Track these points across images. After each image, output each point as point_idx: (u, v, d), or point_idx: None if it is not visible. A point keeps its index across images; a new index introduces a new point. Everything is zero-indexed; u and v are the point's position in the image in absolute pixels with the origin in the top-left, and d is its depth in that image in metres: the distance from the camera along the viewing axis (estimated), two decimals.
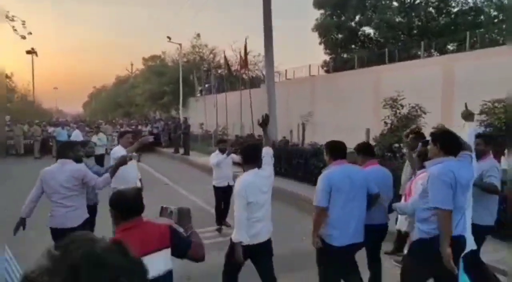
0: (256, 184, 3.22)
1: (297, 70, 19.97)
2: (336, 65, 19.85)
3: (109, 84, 58.60)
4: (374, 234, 3.48)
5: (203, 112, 21.34)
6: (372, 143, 8.06)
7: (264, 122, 3.59)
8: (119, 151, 5.01)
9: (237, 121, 19.86)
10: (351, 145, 3.87)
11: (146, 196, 2.21)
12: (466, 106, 3.60)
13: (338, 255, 3.19)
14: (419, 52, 20.53)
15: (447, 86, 12.96)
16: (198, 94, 26.73)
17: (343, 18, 21.75)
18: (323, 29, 21.61)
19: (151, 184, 8.38)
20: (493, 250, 4.40)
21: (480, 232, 3.43)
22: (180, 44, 24.68)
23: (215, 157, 6.39)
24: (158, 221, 2.29)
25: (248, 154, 3.36)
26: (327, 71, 21.02)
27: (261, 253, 3.30)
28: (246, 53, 15.10)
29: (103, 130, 16.88)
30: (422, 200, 2.89)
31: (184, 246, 2.20)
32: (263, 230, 3.27)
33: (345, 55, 22.12)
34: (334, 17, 21.59)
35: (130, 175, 5.06)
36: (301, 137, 11.64)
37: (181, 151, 16.76)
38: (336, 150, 3.34)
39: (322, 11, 21.94)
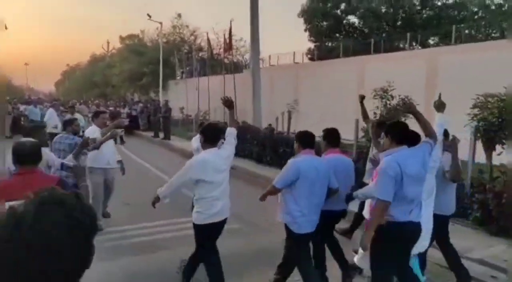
0: (214, 164, 3.31)
1: (281, 57, 19.70)
2: (320, 53, 19.69)
3: (84, 63, 56.41)
4: (330, 219, 3.62)
5: (183, 96, 20.81)
6: (361, 133, 8.00)
7: (228, 103, 3.67)
8: (93, 131, 4.99)
9: (219, 106, 19.44)
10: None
11: (126, 180, 2.20)
12: (439, 96, 3.65)
13: (300, 241, 3.36)
14: (401, 44, 20.66)
15: (431, 79, 13.06)
16: (179, 77, 26.04)
17: (329, 5, 21.52)
18: (308, 16, 21.32)
19: (132, 169, 8.03)
20: (488, 246, 4.41)
21: (445, 221, 3.59)
22: (160, 23, 23.85)
23: (196, 141, 6.15)
24: None
25: (208, 133, 3.46)
26: (312, 59, 20.84)
27: (221, 229, 3.49)
28: (230, 36, 14.64)
29: (79, 110, 16.18)
30: None
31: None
32: (223, 208, 3.41)
33: (329, 44, 21.98)
34: (320, 3, 21.33)
35: (106, 156, 5.16)
36: (286, 126, 11.45)
37: (161, 135, 16.29)
38: (306, 139, 3.43)
39: None
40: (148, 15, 22.33)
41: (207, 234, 3.43)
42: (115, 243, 4.86)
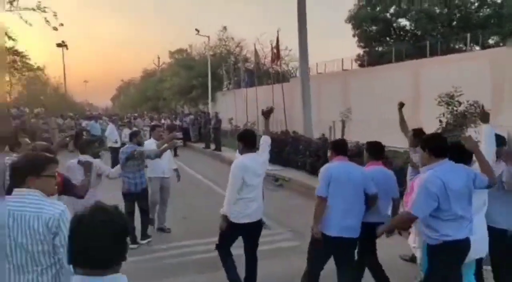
0: (252, 167, 3.56)
1: (328, 64, 19.31)
2: (370, 59, 19.05)
3: (137, 78, 59.34)
4: (367, 232, 3.42)
5: (231, 107, 21.06)
6: None
7: (268, 113, 3.97)
8: (151, 144, 5.70)
9: None
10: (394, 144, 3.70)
11: (180, 191, 2.50)
12: (482, 107, 3.55)
13: (330, 244, 3.28)
14: (458, 46, 19.44)
15: (497, 82, 12.05)
16: (225, 88, 26.50)
17: (378, 9, 20.82)
18: (356, 21, 20.76)
19: (185, 180, 8.15)
20: None
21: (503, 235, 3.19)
22: (208, 37, 24.47)
23: None
24: None
25: (246, 139, 3.70)
26: (361, 65, 20.22)
27: (254, 231, 3.71)
28: (278, 45, 14.58)
29: (135, 124, 16.93)
30: None
31: (70, 187, 3.16)
32: (258, 209, 3.64)
33: (380, 48, 21.22)
34: (368, 8, 20.70)
35: (161, 166, 5.72)
36: (340, 135, 11.07)
37: (212, 146, 16.54)
38: (338, 146, 3.52)
39: (356, 1, 21.09)
40: (196, 29, 23.04)
41: (238, 233, 3.68)
42: (177, 260, 4.83)
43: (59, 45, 40.15)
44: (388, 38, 20.81)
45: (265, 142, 3.84)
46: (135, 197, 5.23)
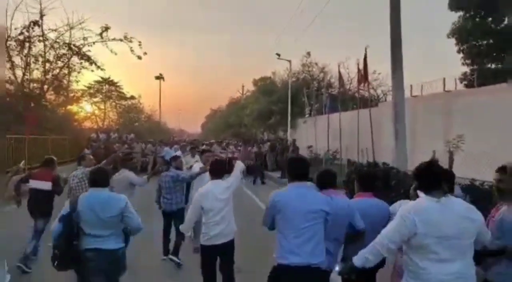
0: (212, 193, 3.89)
1: (426, 86, 16.76)
2: (481, 78, 15.99)
3: (223, 106, 61.50)
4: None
5: (312, 134, 19.58)
6: None
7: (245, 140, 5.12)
8: (196, 166, 6.62)
9: (351, 144, 17.52)
10: None
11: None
12: None
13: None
14: None
15: None
16: (308, 115, 25.17)
17: (489, 19, 17.69)
18: (462, 34, 17.84)
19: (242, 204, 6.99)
20: None
21: None
22: (289, 61, 23.63)
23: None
24: None
25: (213, 167, 4.13)
26: (469, 86, 17.19)
27: (225, 252, 3.95)
28: (366, 65, 12.81)
29: (213, 150, 16.49)
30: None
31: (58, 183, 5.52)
32: (223, 232, 3.88)
33: (492, 66, 17.92)
34: (477, 19, 17.69)
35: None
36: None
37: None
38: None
39: (461, 13, 18.21)
40: (277, 54, 22.43)
41: (208, 254, 3.90)
42: None
43: (157, 78, 43.66)
44: (503, 54, 17.40)
45: (236, 168, 4.21)
46: (172, 215, 5.78)
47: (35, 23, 17.77)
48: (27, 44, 18.14)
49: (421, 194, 2.56)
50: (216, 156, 18.40)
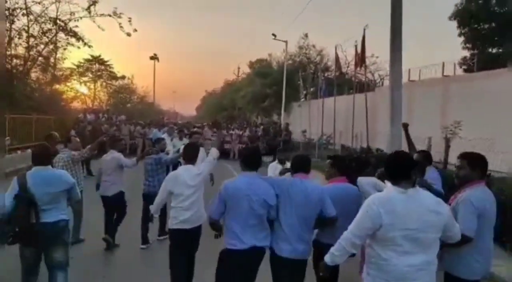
0: (183, 179, 3.84)
1: (424, 70, 16.27)
2: (481, 63, 15.47)
3: (219, 88, 60.62)
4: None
5: (306, 118, 19.14)
6: None
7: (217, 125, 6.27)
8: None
9: (345, 129, 17.17)
10: None
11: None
12: None
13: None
14: None
15: None
16: (303, 99, 24.70)
17: (493, 2, 16.99)
18: (465, 17, 17.14)
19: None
20: None
21: None
22: (286, 41, 22.90)
23: (272, 169, 5.99)
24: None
25: (186, 152, 4.10)
26: (468, 70, 16.69)
27: (190, 237, 3.91)
28: (364, 46, 12.24)
29: (204, 133, 16.03)
30: None
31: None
32: (191, 218, 3.85)
33: (493, 50, 17.36)
34: (480, 0, 16.97)
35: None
36: (443, 157, 8.48)
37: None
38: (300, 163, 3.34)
39: None
40: (273, 34, 21.71)
41: (177, 238, 3.86)
42: None
43: (151, 58, 42.58)
44: (505, 39, 16.81)
45: (210, 154, 4.12)
46: (153, 198, 5.30)
47: None
48: (9, 17, 17.22)
49: (388, 183, 2.51)
50: (207, 139, 18.02)
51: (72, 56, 22.02)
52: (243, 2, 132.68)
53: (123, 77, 34.85)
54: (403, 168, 2.39)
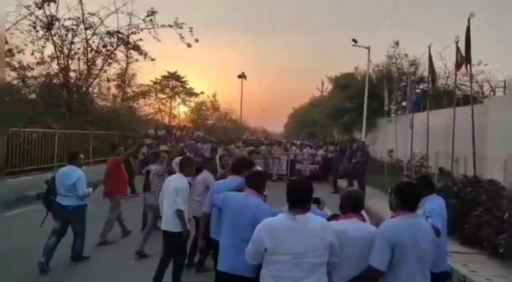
0: (166, 188, 4.71)
1: None
2: None
3: (305, 105, 58.90)
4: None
5: (392, 136, 16.17)
6: None
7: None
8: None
9: (442, 150, 13.82)
10: None
11: None
12: None
13: None
14: None
15: None
16: (393, 114, 21.42)
17: None
18: None
19: None
20: None
21: None
22: (368, 48, 20.05)
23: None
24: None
25: (181, 163, 4.85)
26: None
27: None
28: (469, 41, 9.16)
29: (261, 151, 14.34)
30: None
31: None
32: (164, 220, 4.57)
33: None
34: None
35: None
36: None
37: (356, 184, 12.29)
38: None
39: None
40: (354, 40, 19.19)
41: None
42: None
43: (239, 76, 43.16)
44: None
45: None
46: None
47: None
48: (69, 33, 17.55)
49: (285, 208, 2.62)
50: (275, 157, 16.17)
51: (155, 72, 22.36)
52: (328, 18, 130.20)
53: (202, 93, 35.28)
54: (297, 195, 2.48)
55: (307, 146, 18.33)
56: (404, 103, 21.92)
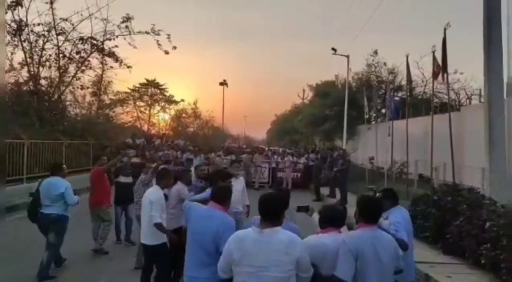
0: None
1: None
2: None
3: (287, 112, 59.09)
4: None
5: (372, 143, 16.26)
6: None
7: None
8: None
9: (421, 158, 13.98)
10: None
11: None
12: None
13: None
14: None
15: None
16: (373, 122, 21.66)
17: None
18: None
19: None
20: None
21: None
22: (347, 56, 20.23)
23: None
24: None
25: (158, 176, 4.97)
26: None
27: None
28: (445, 51, 9.27)
29: (243, 160, 14.12)
30: None
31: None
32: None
33: None
34: None
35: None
36: None
37: (339, 195, 12.24)
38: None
39: None
40: (333, 49, 19.35)
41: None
42: None
43: (221, 84, 42.91)
44: None
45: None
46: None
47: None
48: (40, 39, 16.84)
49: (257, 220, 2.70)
50: (258, 166, 16.00)
51: (133, 80, 21.84)
52: (311, 27, 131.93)
53: (182, 100, 34.79)
54: (266, 209, 2.49)
55: (289, 154, 18.19)
56: (383, 111, 22.18)
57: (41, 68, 16.99)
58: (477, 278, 5.20)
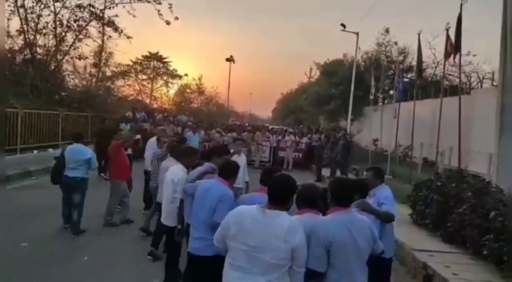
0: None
1: None
2: None
3: (293, 90, 58.25)
4: None
5: (384, 125, 15.81)
6: None
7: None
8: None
9: (427, 141, 13.57)
10: None
11: None
12: None
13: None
14: None
15: None
16: (380, 103, 21.08)
17: None
18: None
19: None
20: None
21: None
22: (357, 33, 19.44)
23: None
24: None
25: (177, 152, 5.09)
26: None
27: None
28: (459, 29, 8.66)
29: (244, 138, 13.80)
30: None
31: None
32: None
33: None
34: None
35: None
36: None
37: (338, 174, 11.94)
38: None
39: None
40: (342, 25, 18.56)
41: None
42: None
43: (227, 60, 41.81)
44: None
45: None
46: None
47: None
48: (37, 6, 16.15)
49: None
50: (259, 144, 15.75)
51: (136, 53, 21.27)
52: (323, 5, 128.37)
53: (185, 75, 34.04)
54: (280, 193, 2.39)
55: (291, 133, 17.81)
56: (391, 92, 21.56)
57: (37, 36, 16.46)
58: (477, 269, 4.94)
